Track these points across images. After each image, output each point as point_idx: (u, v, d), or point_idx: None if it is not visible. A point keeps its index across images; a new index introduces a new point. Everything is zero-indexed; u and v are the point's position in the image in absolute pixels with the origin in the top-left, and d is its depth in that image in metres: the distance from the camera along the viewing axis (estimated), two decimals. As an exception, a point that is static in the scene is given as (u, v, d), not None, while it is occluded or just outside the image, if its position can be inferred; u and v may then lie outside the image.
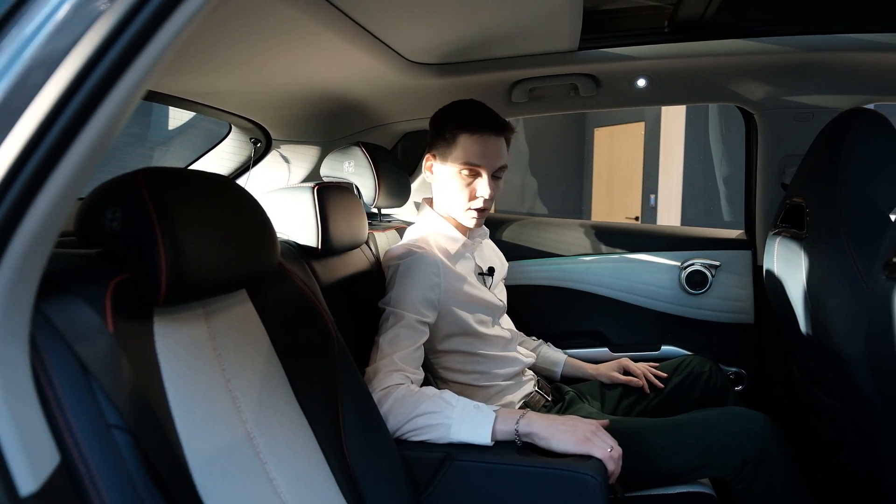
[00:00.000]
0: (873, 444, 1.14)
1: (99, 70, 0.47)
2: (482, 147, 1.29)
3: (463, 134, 1.29)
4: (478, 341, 1.37)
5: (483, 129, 1.28)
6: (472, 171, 1.30)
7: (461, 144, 1.29)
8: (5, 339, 0.48)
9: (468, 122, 1.29)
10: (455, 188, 1.33)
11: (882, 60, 1.51)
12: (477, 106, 1.34)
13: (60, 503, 0.49)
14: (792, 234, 1.39)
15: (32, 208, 0.47)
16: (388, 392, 1.12)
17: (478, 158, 1.29)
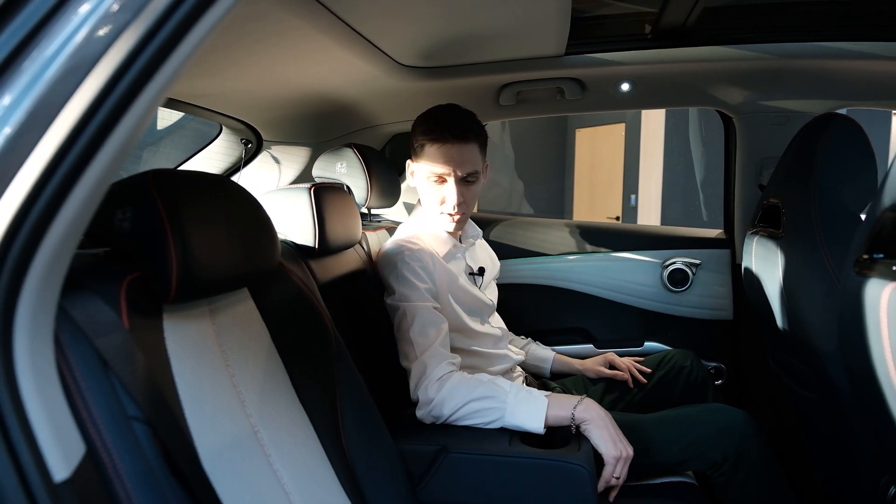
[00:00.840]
0: (845, 433, 1.20)
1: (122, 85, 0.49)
2: (444, 155, 1.30)
3: (427, 143, 1.31)
4: (469, 338, 1.40)
5: (444, 137, 1.29)
6: (440, 178, 1.32)
7: (426, 153, 1.32)
8: (35, 337, 0.51)
9: (431, 131, 1.31)
10: (427, 194, 1.36)
11: (853, 67, 1.57)
12: (444, 113, 1.34)
13: (89, 490, 0.51)
14: (769, 233, 1.44)
15: (60, 213, 0.50)
16: (443, 381, 1.19)
17: (440, 166, 1.30)
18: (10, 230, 0.48)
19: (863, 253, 0.78)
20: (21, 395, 0.48)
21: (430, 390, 1.19)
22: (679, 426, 1.29)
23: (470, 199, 1.36)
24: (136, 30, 0.49)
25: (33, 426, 0.48)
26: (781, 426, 1.68)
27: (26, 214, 0.48)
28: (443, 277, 1.35)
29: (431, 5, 1.17)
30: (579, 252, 2.03)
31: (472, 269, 1.48)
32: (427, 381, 1.20)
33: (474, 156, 1.32)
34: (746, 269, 1.59)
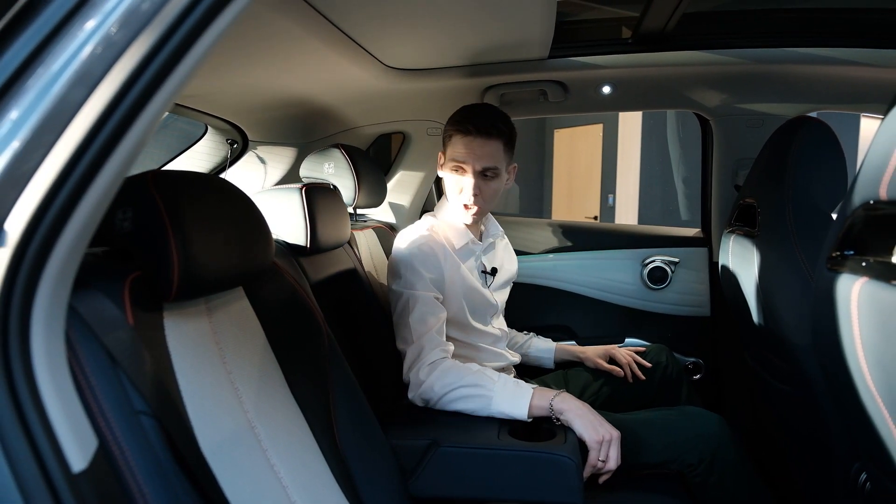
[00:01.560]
0: (819, 424, 1.25)
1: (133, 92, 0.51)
2: (466, 146, 1.36)
3: (454, 133, 1.38)
4: (467, 333, 1.45)
5: (469, 130, 1.36)
6: (460, 168, 1.38)
7: (452, 142, 1.38)
8: (49, 335, 0.52)
9: (458, 122, 1.37)
10: (449, 183, 1.42)
11: (824, 72, 1.63)
12: (476, 108, 1.41)
13: (103, 481, 0.53)
14: (745, 232, 1.49)
15: (74, 216, 0.51)
16: (434, 365, 1.27)
17: (461, 157, 1.36)
18: (26, 234, 0.49)
19: (834, 250, 0.82)
20: (39, 390, 0.49)
21: (421, 373, 1.26)
22: (660, 429, 1.33)
23: (488, 195, 1.40)
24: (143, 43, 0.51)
25: (51, 420, 0.49)
26: (757, 418, 1.73)
27: (40, 220, 0.49)
28: (452, 270, 1.39)
29: (421, 11, 1.20)
30: (562, 251, 2.07)
31: (485, 267, 1.52)
32: (420, 364, 1.27)
33: (496, 152, 1.37)
34: (723, 267, 1.64)
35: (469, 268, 1.46)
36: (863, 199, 0.75)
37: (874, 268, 0.72)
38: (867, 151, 0.78)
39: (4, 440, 0.47)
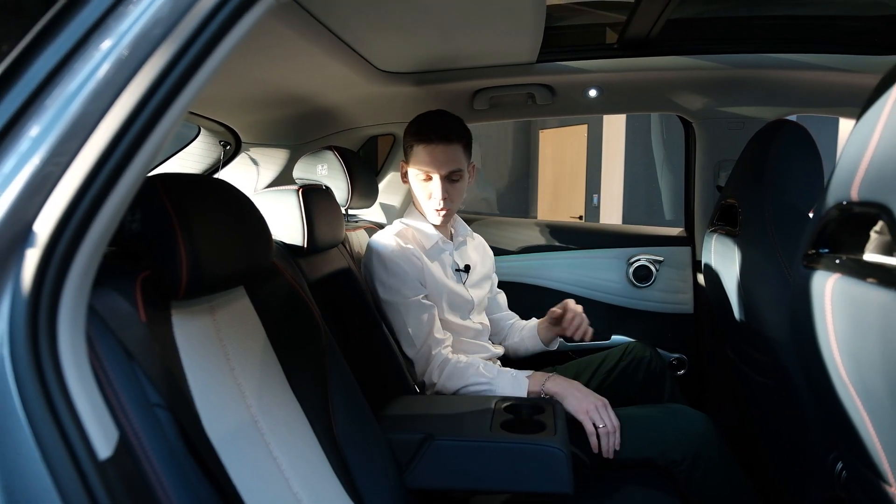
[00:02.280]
0: (797, 415, 1.29)
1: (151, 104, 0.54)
2: (429, 155, 1.44)
3: (416, 144, 1.45)
4: (451, 328, 1.50)
5: (430, 139, 1.43)
6: (427, 176, 1.46)
7: (415, 153, 1.46)
8: (73, 331, 0.55)
9: (419, 134, 1.45)
10: (417, 191, 1.51)
11: (801, 77, 1.69)
12: (431, 117, 1.48)
13: (126, 468, 0.56)
14: (727, 231, 1.54)
15: (98, 218, 0.54)
16: (441, 368, 1.40)
17: (426, 165, 1.45)
18: (54, 235, 0.52)
19: (810, 248, 0.87)
20: (67, 384, 0.52)
21: (433, 376, 1.41)
22: (645, 426, 1.37)
23: (455, 196, 1.49)
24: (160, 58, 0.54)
25: (79, 412, 0.52)
26: (738, 412, 1.79)
27: (67, 222, 0.52)
28: (426, 271, 1.45)
29: (414, 16, 1.23)
30: (549, 250, 2.12)
31: (458, 265, 1.56)
32: (430, 369, 1.41)
33: (458, 156, 1.45)
34: (706, 265, 1.69)
35: (443, 266, 1.52)
36: (836, 200, 0.80)
37: (847, 265, 0.76)
38: (840, 154, 0.82)
39: (36, 430, 0.50)
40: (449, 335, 1.48)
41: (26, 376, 0.50)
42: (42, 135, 0.52)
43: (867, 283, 0.69)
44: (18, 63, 0.52)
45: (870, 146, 0.73)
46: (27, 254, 0.51)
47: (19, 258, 0.51)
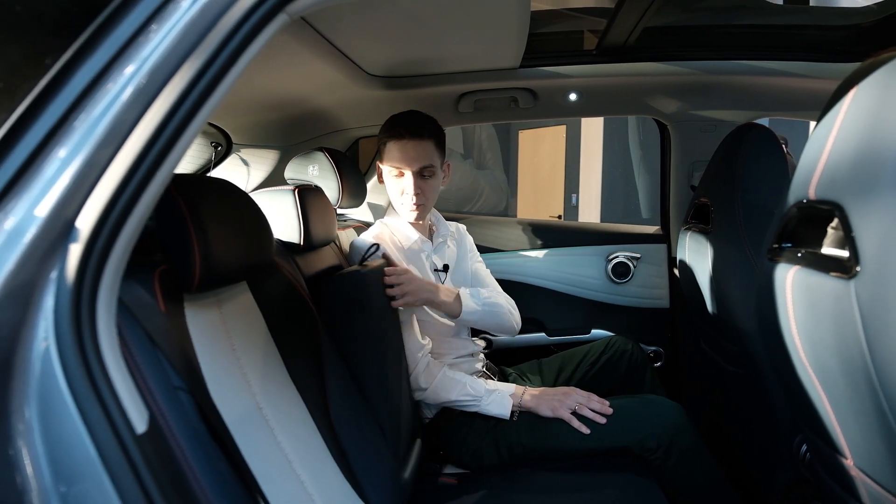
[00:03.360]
0: (765, 401, 1.37)
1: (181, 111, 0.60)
2: (401, 151, 1.48)
3: (388, 141, 1.50)
4: (429, 325, 1.56)
5: (402, 135, 1.48)
6: (399, 172, 1.50)
7: (388, 150, 1.50)
8: (108, 320, 0.60)
9: (391, 131, 1.49)
10: (391, 188, 1.55)
11: (769, 83, 1.78)
12: (403, 116, 1.52)
13: (158, 443, 0.61)
14: (700, 228, 1.61)
15: (132, 215, 0.60)
16: (430, 374, 1.47)
17: (398, 161, 1.49)
18: (95, 230, 0.57)
19: (773, 243, 0.95)
20: (107, 367, 0.58)
21: (420, 380, 1.46)
22: (623, 416, 1.44)
23: (428, 192, 1.52)
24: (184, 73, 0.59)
25: (118, 392, 0.58)
26: (711, 400, 1.87)
27: (106, 218, 0.58)
28: None
29: (404, 22, 1.29)
30: (531, 248, 2.19)
31: (436, 265, 1.62)
32: (416, 372, 1.46)
33: (429, 152, 1.50)
34: (681, 262, 1.77)
35: (421, 267, 1.56)
36: (796, 199, 0.88)
37: (805, 257, 0.84)
38: (801, 157, 0.90)
39: (81, 407, 0.55)
40: (428, 340, 1.52)
41: (71, 359, 0.55)
42: (80, 142, 0.57)
43: (822, 274, 0.77)
44: (61, 75, 0.57)
45: (825, 149, 0.80)
46: (70, 248, 0.56)
47: (63, 251, 0.56)
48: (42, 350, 0.55)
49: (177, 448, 0.65)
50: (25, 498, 0.54)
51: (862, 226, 0.69)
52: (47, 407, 0.55)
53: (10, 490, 0.53)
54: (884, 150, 0.67)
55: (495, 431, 1.46)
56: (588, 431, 1.39)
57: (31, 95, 0.56)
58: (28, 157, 0.56)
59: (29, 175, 0.56)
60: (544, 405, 1.44)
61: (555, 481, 1.37)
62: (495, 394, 1.47)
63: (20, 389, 0.55)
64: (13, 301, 0.55)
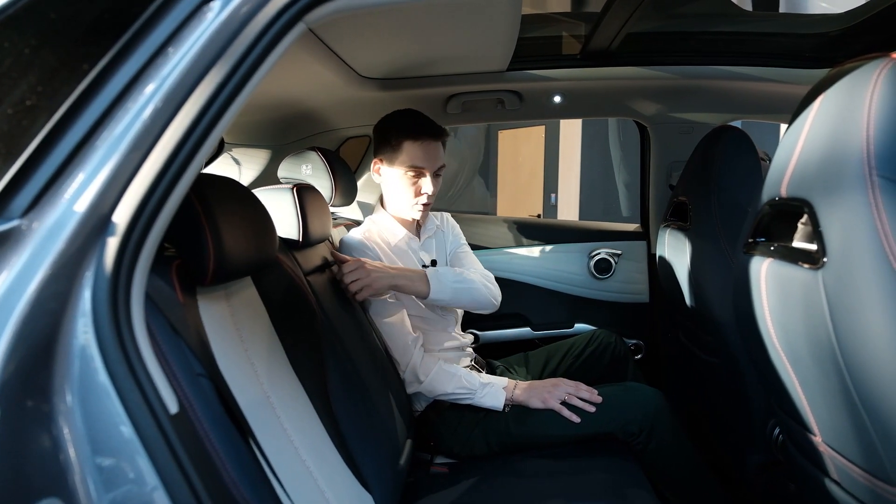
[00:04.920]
0: (741, 388, 1.44)
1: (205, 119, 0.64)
2: (424, 151, 1.51)
3: (407, 141, 1.50)
4: (418, 318, 1.61)
5: (424, 135, 1.51)
6: (417, 172, 1.53)
7: (406, 150, 1.51)
8: (139, 310, 0.65)
9: (411, 130, 1.51)
10: (402, 188, 1.55)
11: (744, 87, 1.86)
12: (416, 115, 1.56)
13: (185, 425, 0.66)
14: (678, 226, 1.68)
15: (163, 210, 0.64)
16: (427, 366, 1.51)
17: (421, 161, 1.51)
18: (130, 225, 0.62)
19: (748, 237, 1.02)
20: (142, 354, 0.62)
21: (418, 373, 1.51)
22: (606, 404, 1.50)
23: (437, 190, 1.57)
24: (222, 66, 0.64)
25: (152, 375, 0.62)
26: (689, 389, 1.95)
27: (141, 212, 0.62)
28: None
29: (400, 28, 1.34)
30: (516, 245, 2.26)
31: (423, 262, 1.67)
32: (412, 365, 1.51)
33: (442, 153, 1.56)
34: (660, 258, 1.84)
35: (409, 263, 1.61)
36: (769, 196, 0.95)
37: (778, 251, 0.91)
38: (774, 158, 0.97)
39: (119, 389, 0.60)
40: (419, 334, 1.57)
41: (109, 344, 0.60)
42: (116, 142, 0.62)
43: (793, 265, 0.84)
44: (98, 80, 0.61)
45: (796, 151, 0.87)
46: (108, 241, 0.61)
47: (101, 244, 0.60)
48: (82, 336, 0.60)
49: (201, 430, 0.70)
50: (67, 473, 0.58)
51: (828, 221, 0.76)
52: (87, 390, 0.60)
53: (53, 466, 0.58)
54: (848, 152, 0.74)
55: (485, 422, 1.52)
56: (578, 420, 1.45)
57: (71, 98, 0.60)
58: (67, 156, 0.60)
59: (68, 173, 0.61)
60: (535, 397, 1.49)
61: (543, 467, 1.43)
62: (489, 387, 1.52)
63: (61, 374, 0.59)
64: (54, 291, 0.59)
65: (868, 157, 0.71)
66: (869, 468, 0.80)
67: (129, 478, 0.59)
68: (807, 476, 1.03)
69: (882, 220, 0.68)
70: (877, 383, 0.70)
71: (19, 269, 0.58)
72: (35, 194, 0.59)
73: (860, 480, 0.83)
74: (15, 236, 0.58)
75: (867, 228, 0.69)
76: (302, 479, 0.96)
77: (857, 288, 0.70)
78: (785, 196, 0.89)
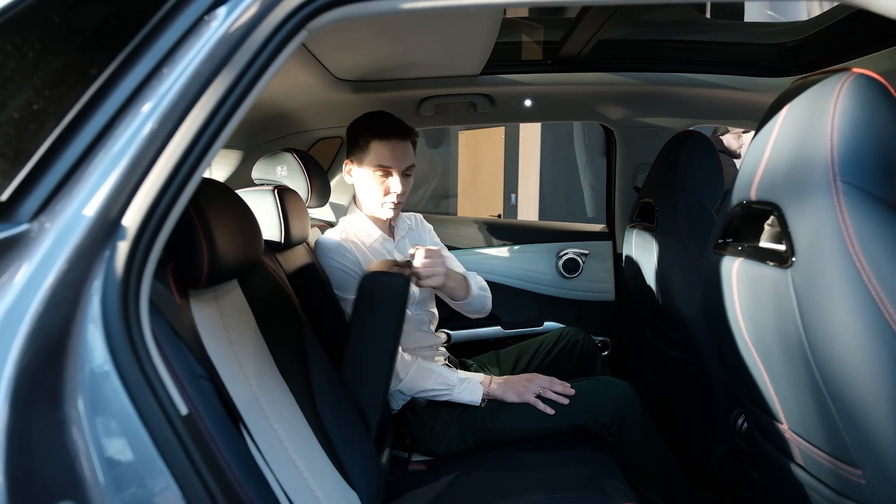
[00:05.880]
0: (706, 381, 1.51)
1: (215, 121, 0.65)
2: (391, 150, 1.54)
3: (374, 140, 1.53)
4: None
5: (391, 135, 1.53)
6: (385, 172, 1.55)
7: (373, 150, 1.54)
8: (145, 312, 0.65)
9: (378, 130, 1.53)
10: (372, 187, 1.58)
11: (705, 93, 1.95)
12: (385, 116, 1.58)
13: (193, 426, 0.67)
14: (645, 227, 1.74)
15: (171, 215, 0.65)
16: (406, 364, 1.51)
17: (388, 161, 1.54)
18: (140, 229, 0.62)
19: (719, 238, 1.08)
20: (152, 357, 0.63)
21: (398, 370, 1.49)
22: (579, 396, 1.55)
23: (407, 190, 1.60)
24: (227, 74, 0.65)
25: (162, 378, 0.63)
26: (654, 383, 2.03)
27: (150, 216, 0.63)
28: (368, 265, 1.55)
29: (381, 33, 1.36)
30: (486, 245, 2.30)
31: (397, 261, 1.69)
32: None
33: (411, 153, 1.58)
34: (627, 257, 1.90)
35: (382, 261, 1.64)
36: (739, 199, 1.00)
37: (747, 251, 0.97)
38: (742, 161, 1.03)
39: (131, 391, 0.60)
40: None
41: (121, 348, 0.60)
42: (124, 147, 0.62)
43: (764, 265, 0.90)
44: (107, 85, 0.62)
45: (764, 157, 0.93)
46: (118, 245, 0.61)
47: (112, 248, 0.61)
48: (92, 340, 0.60)
49: (206, 431, 0.71)
50: (80, 476, 0.58)
51: (796, 223, 0.82)
52: (98, 393, 0.60)
53: (65, 468, 0.58)
54: (814, 159, 0.79)
55: (461, 419, 1.55)
56: (552, 412, 1.50)
57: (80, 104, 0.61)
58: (76, 160, 0.61)
59: (77, 177, 0.61)
60: (511, 392, 1.53)
61: (519, 461, 1.47)
62: (466, 382, 1.55)
63: (73, 378, 0.59)
64: (65, 295, 0.59)
65: (832, 164, 0.77)
66: (833, 452, 0.86)
67: (142, 479, 0.60)
68: (772, 461, 1.10)
69: (846, 222, 0.74)
70: (843, 373, 0.76)
71: (30, 274, 0.58)
72: (44, 198, 0.59)
73: (824, 464, 0.89)
74: (24, 240, 0.58)
75: (832, 230, 0.75)
76: (294, 478, 0.97)
77: (824, 285, 0.76)
78: (754, 199, 0.95)
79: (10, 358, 0.55)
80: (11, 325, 0.56)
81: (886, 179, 0.76)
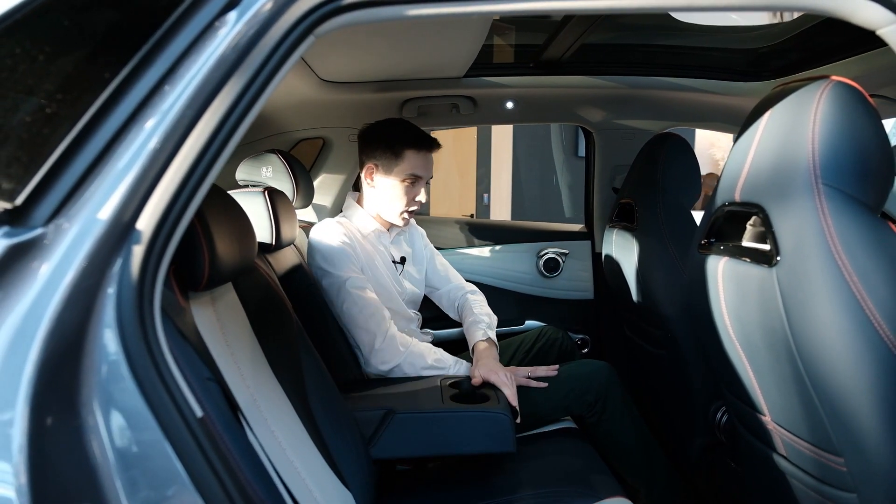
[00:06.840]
0: (685, 377, 1.55)
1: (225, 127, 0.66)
2: (425, 161, 1.60)
3: (410, 150, 1.58)
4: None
5: (428, 146, 1.59)
6: (414, 181, 1.60)
7: (408, 158, 1.58)
8: (158, 315, 0.65)
9: (415, 140, 1.58)
10: (397, 195, 1.61)
11: (682, 97, 2.00)
12: (411, 125, 1.63)
13: (207, 427, 0.67)
14: (624, 226, 1.79)
15: (184, 217, 0.65)
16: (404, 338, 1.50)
17: (421, 170, 1.60)
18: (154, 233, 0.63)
19: (703, 238, 1.12)
20: (167, 360, 0.63)
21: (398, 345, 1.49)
22: (558, 381, 1.58)
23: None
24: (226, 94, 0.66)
25: (178, 381, 0.63)
26: (633, 380, 2.08)
27: (165, 220, 0.63)
28: (366, 258, 1.59)
29: (372, 37, 1.37)
30: (468, 246, 2.32)
31: (394, 257, 1.71)
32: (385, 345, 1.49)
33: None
34: (607, 256, 1.95)
35: (380, 257, 1.66)
36: (723, 200, 1.04)
37: (732, 250, 1.01)
38: (725, 163, 1.07)
39: (147, 394, 0.61)
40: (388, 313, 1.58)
41: (136, 351, 0.61)
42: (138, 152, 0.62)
43: (749, 264, 0.94)
44: (120, 89, 0.62)
45: (748, 160, 0.97)
46: (133, 249, 0.61)
47: (127, 251, 0.61)
48: (108, 343, 0.60)
49: (216, 432, 0.71)
50: (97, 478, 0.59)
51: (780, 223, 0.86)
52: (114, 396, 0.60)
53: (83, 472, 0.58)
54: (796, 162, 0.83)
55: None
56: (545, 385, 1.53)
57: (93, 108, 0.61)
58: (90, 164, 0.61)
59: (90, 181, 0.61)
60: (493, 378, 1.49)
61: (505, 458, 1.49)
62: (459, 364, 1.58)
63: (89, 381, 0.59)
64: (80, 298, 0.59)
65: (814, 168, 0.81)
66: (815, 441, 0.90)
67: (160, 481, 0.61)
68: (755, 452, 1.14)
69: (828, 222, 0.78)
70: (826, 366, 0.80)
71: (46, 277, 0.58)
72: (59, 202, 0.60)
73: (806, 453, 0.94)
74: (39, 244, 0.58)
75: (815, 230, 0.79)
76: (293, 478, 0.98)
77: (808, 283, 0.80)
78: (739, 200, 0.98)
79: (29, 361, 0.56)
80: (30, 328, 0.56)
81: (864, 182, 0.81)
